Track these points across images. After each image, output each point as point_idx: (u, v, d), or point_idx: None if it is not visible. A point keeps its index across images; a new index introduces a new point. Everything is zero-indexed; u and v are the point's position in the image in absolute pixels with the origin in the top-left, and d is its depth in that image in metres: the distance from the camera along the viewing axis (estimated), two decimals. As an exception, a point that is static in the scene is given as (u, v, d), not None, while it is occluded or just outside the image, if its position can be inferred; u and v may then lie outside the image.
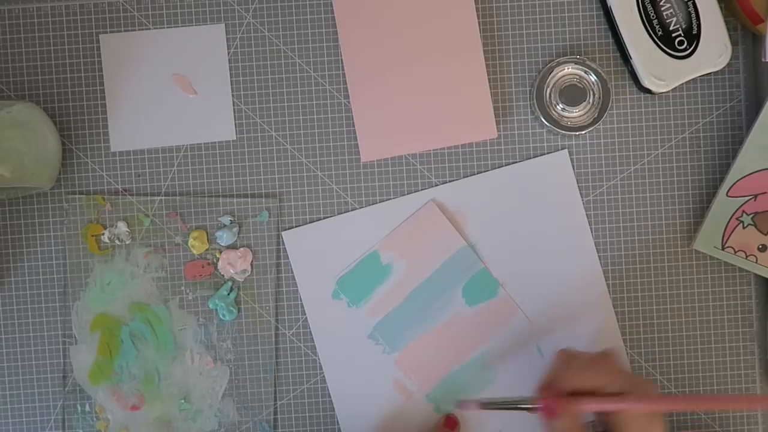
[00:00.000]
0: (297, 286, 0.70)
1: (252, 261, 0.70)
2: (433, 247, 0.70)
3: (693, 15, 0.67)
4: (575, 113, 0.68)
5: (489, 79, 0.69)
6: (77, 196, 0.70)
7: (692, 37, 0.67)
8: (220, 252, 0.70)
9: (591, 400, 0.59)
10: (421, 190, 0.70)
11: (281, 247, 0.70)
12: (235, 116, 0.70)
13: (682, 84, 0.69)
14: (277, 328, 0.70)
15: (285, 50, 0.70)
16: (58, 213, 0.70)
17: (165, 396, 0.70)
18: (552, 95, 0.68)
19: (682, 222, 0.71)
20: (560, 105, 0.68)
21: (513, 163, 0.70)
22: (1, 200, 0.70)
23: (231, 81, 0.70)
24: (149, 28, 0.70)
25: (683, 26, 0.67)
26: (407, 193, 0.70)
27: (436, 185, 0.70)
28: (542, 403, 0.60)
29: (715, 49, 0.67)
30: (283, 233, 0.70)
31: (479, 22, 0.69)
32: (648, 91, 0.68)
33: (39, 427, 0.70)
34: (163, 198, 0.70)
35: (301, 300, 0.70)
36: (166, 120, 0.70)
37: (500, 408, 0.64)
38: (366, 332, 0.70)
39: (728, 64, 0.68)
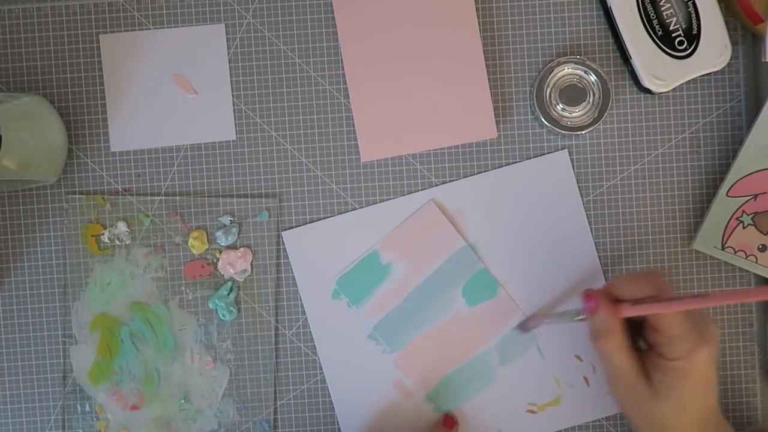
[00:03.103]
0: (297, 286, 0.70)
1: (252, 261, 0.70)
2: (433, 247, 0.70)
3: (693, 15, 0.67)
4: (575, 113, 0.68)
5: (489, 79, 0.69)
6: (77, 196, 0.70)
7: (692, 37, 0.67)
8: (220, 252, 0.70)
9: (629, 305, 0.59)
10: (421, 190, 0.70)
11: (281, 247, 0.70)
12: (235, 116, 0.70)
13: (682, 84, 0.69)
14: (277, 328, 0.70)
15: (285, 50, 0.70)
16: (58, 213, 0.70)
17: (165, 396, 0.70)
18: (552, 95, 0.68)
19: (682, 222, 0.71)
20: (560, 105, 0.68)
21: (513, 163, 0.70)
22: (1, 195, 0.70)
23: (231, 81, 0.70)
24: (149, 28, 0.70)
25: (683, 26, 0.67)
26: (407, 193, 0.70)
27: (436, 185, 0.70)
28: (585, 298, 0.61)
29: (715, 49, 0.67)
30: (283, 233, 0.70)
31: (479, 22, 0.69)
32: (648, 91, 0.68)
33: (39, 427, 0.70)
34: (163, 198, 0.70)
35: (301, 300, 0.70)
36: (166, 120, 0.70)
37: (556, 321, 0.67)
38: (366, 332, 0.70)
39: (728, 64, 0.68)
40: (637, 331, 0.62)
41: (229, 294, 0.70)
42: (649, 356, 0.61)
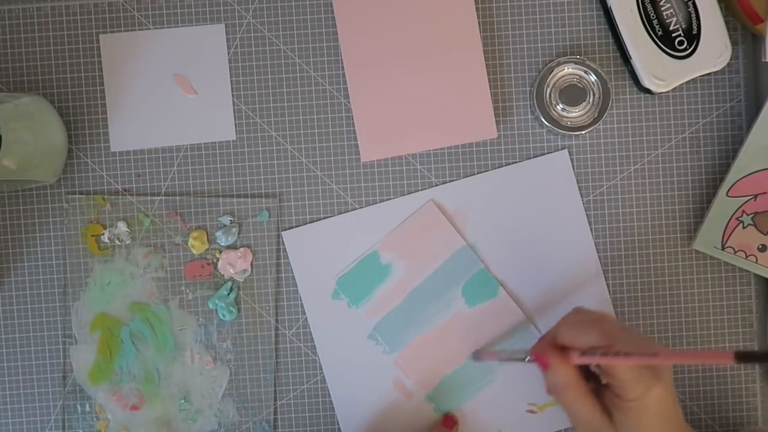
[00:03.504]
0: (297, 286, 0.70)
1: (252, 261, 0.70)
2: (432, 247, 0.70)
3: (693, 15, 0.67)
4: (575, 113, 0.68)
5: (489, 79, 0.69)
6: (77, 196, 0.70)
7: (692, 37, 0.67)
8: (220, 252, 0.70)
9: (579, 354, 0.58)
10: (421, 190, 0.70)
11: (281, 247, 0.70)
12: (235, 116, 0.70)
13: (682, 84, 0.69)
14: (277, 328, 0.70)
15: (285, 50, 0.70)
16: (58, 213, 0.70)
17: (165, 396, 0.70)
18: (552, 95, 0.68)
19: (682, 222, 0.71)
20: (560, 105, 0.68)
21: (513, 163, 0.70)
22: (1, 195, 0.70)
23: (231, 81, 0.70)
24: (149, 28, 0.70)
25: (683, 26, 0.67)
26: (407, 193, 0.70)
27: (436, 185, 0.70)
28: (534, 355, 0.60)
29: (715, 49, 0.67)
30: (283, 233, 0.70)
31: (479, 22, 0.69)
32: (648, 91, 0.68)
33: (39, 427, 0.70)
34: (163, 198, 0.70)
35: (301, 300, 0.70)
36: (166, 120, 0.70)
37: (506, 359, 0.66)
38: (366, 332, 0.70)
39: (728, 64, 0.68)
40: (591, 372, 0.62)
41: (229, 294, 0.70)
42: (608, 396, 0.60)
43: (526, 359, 0.62)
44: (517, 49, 0.70)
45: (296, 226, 0.70)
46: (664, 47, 0.67)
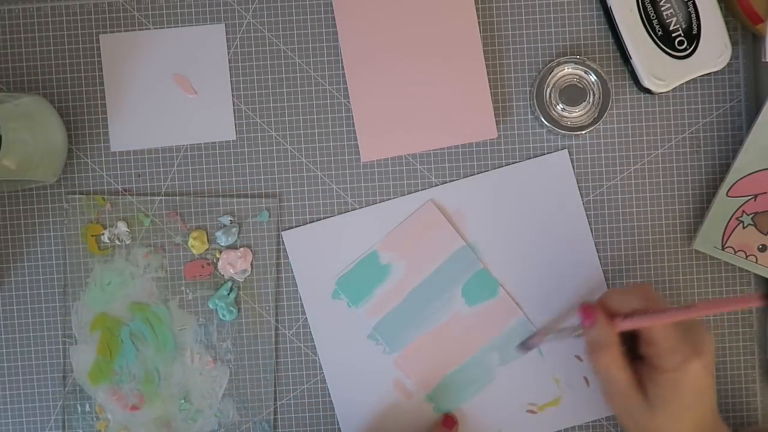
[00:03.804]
0: (297, 286, 0.70)
1: (252, 261, 0.70)
2: (432, 247, 0.70)
3: (693, 15, 0.67)
4: (575, 113, 0.68)
5: (489, 79, 0.69)
6: (77, 196, 0.70)
7: (692, 37, 0.67)
8: (220, 252, 0.70)
9: (621, 319, 0.60)
10: (421, 190, 0.70)
11: (281, 247, 0.70)
12: (235, 116, 0.70)
13: (682, 84, 0.69)
14: (277, 328, 0.70)
15: (285, 50, 0.70)
16: (58, 213, 0.70)
17: (165, 396, 0.70)
18: (552, 95, 0.68)
19: (682, 222, 0.71)
20: (560, 105, 0.68)
21: (513, 163, 0.70)
22: (1, 195, 0.70)
23: (231, 81, 0.70)
24: (149, 28, 0.70)
25: (683, 26, 0.67)
26: (407, 193, 0.70)
27: (436, 185, 0.70)
28: (582, 312, 0.61)
29: (715, 49, 0.67)
30: (283, 233, 0.70)
31: (479, 22, 0.69)
32: (648, 91, 0.68)
33: (39, 427, 0.70)
34: (163, 198, 0.70)
35: (301, 300, 0.70)
36: (166, 120, 0.70)
37: (556, 336, 0.66)
38: (366, 332, 0.70)
39: (728, 64, 0.68)
40: (631, 345, 0.62)
41: (229, 294, 0.70)
42: (644, 369, 0.61)
43: (575, 334, 0.63)
44: (517, 49, 0.70)
45: (296, 226, 0.70)
46: (664, 47, 0.67)
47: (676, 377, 0.58)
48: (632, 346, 0.62)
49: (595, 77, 0.67)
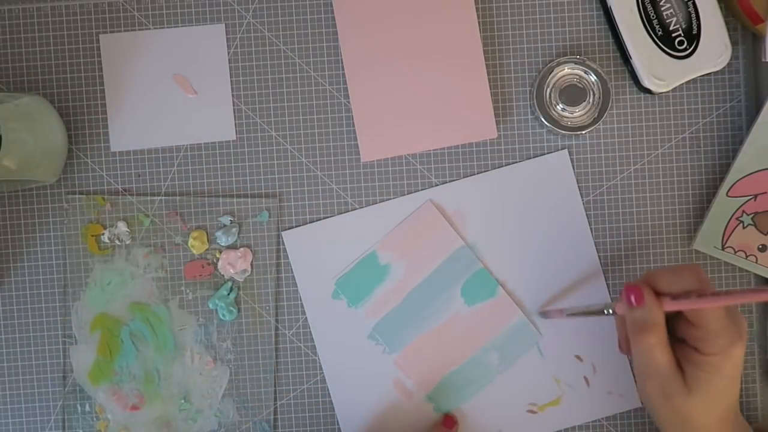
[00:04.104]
0: (297, 286, 0.70)
1: (252, 261, 0.70)
2: (431, 247, 0.70)
3: (693, 15, 0.67)
4: (575, 113, 0.68)
5: (489, 79, 0.69)
6: (77, 196, 0.70)
7: (692, 37, 0.67)
8: (220, 252, 0.70)
9: (669, 299, 0.58)
10: (421, 190, 0.70)
11: (281, 247, 0.70)
12: (235, 116, 0.70)
13: (682, 84, 0.69)
14: (277, 328, 0.70)
15: (285, 50, 0.70)
16: (58, 213, 0.70)
17: (165, 396, 0.70)
18: (552, 95, 0.68)
19: (682, 222, 0.71)
20: (560, 105, 0.68)
21: (513, 163, 0.70)
22: (1, 195, 0.70)
23: (231, 81, 0.70)
24: (149, 28, 0.70)
25: (683, 26, 0.67)
26: (407, 193, 0.70)
27: (436, 185, 0.70)
28: (628, 290, 0.59)
29: (715, 49, 0.67)
30: (283, 233, 0.70)
31: (479, 22, 0.69)
32: (648, 91, 0.68)
33: (39, 427, 0.70)
34: (163, 198, 0.70)
35: (301, 300, 0.70)
36: (166, 120, 0.70)
37: (585, 314, 0.64)
38: (366, 332, 0.70)
39: (728, 64, 0.68)
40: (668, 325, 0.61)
41: (229, 294, 0.70)
42: (683, 350, 0.59)
43: (606, 311, 0.61)
44: (517, 49, 0.70)
45: (296, 226, 0.70)
46: (664, 47, 0.67)
47: (720, 360, 0.58)
48: (670, 327, 0.61)
49: (595, 77, 0.67)
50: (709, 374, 0.58)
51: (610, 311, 0.61)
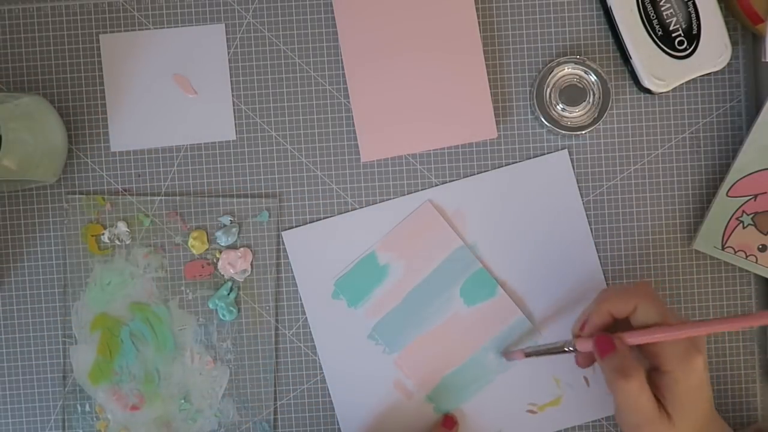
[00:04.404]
0: (297, 286, 0.70)
1: (252, 261, 0.70)
2: (430, 248, 0.70)
3: (693, 15, 0.67)
4: (575, 113, 0.68)
5: (489, 79, 0.69)
6: (77, 196, 0.70)
7: (692, 37, 0.67)
8: (220, 252, 0.70)
9: (636, 332, 0.58)
10: (421, 190, 0.70)
11: (281, 247, 0.70)
12: (235, 116, 0.70)
13: (682, 84, 0.69)
14: (277, 328, 0.70)
15: (285, 50, 0.70)
16: (58, 213, 0.70)
17: (165, 396, 0.70)
18: (552, 95, 0.68)
19: (682, 222, 0.71)
20: (560, 105, 0.68)
21: (513, 163, 0.70)
22: (1, 195, 0.70)
23: (231, 81, 0.70)
24: (149, 28, 0.70)
25: (683, 26, 0.67)
26: (407, 193, 0.70)
27: (436, 185, 0.70)
28: (597, 340, 0.59)
29: (715, 49, 0.67)
30: (283, 233, 0.70)
31: (479, 22, 0.69)
32: (648, 91, 0.68)
33: (39, 427, 0.70)
34: (163, 198, 0.70)
35: (301, 300, 0.70)
36: (166, 120, 0.70)
37: (545, 353, 0.64)
38: (366, 332, 0.70)
39: (728, 64, 0.68)
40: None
41: (229, 294, 0.70)
42: (648, 377, 0.59)
43: (567, 349, 0.61)
44: (517, 49, 0.70)
45: (296, 226, 0.70)
46: (664, 47, 0.67)
47: (681, 373, 0.58)
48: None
49: (595, 77, 0.67)
50: (680, 393, 0.59)
51: (571, 348, 0.62)
